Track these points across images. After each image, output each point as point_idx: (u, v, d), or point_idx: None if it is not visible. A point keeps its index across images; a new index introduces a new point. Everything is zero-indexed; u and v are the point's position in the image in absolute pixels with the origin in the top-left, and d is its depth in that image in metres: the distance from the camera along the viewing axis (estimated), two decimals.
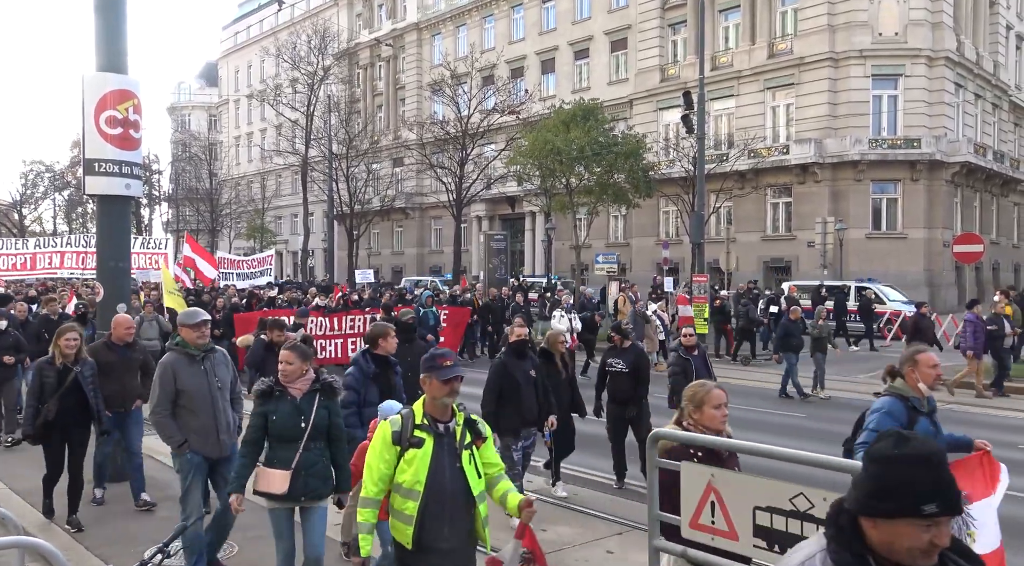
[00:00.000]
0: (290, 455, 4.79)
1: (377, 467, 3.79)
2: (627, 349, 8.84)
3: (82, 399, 6.90)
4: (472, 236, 46.75)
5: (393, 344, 6.64)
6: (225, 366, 6.01)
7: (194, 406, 5.70)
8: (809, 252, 30.64)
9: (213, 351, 5.94)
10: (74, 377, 6.87)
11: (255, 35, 67.21)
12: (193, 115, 75.03)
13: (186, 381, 5.69)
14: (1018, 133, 42.90)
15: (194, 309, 6.30)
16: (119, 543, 6.46)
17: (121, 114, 8.31)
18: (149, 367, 7.65)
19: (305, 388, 4.88)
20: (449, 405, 3.85)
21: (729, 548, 3.79)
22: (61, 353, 6.90)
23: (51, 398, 6.77)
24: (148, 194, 56.66)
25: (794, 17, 34.21)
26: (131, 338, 7.79)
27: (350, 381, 6.35)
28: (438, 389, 3.81)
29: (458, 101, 35.68)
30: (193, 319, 5.85)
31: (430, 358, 3.91)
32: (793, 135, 33.68)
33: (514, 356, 7.66)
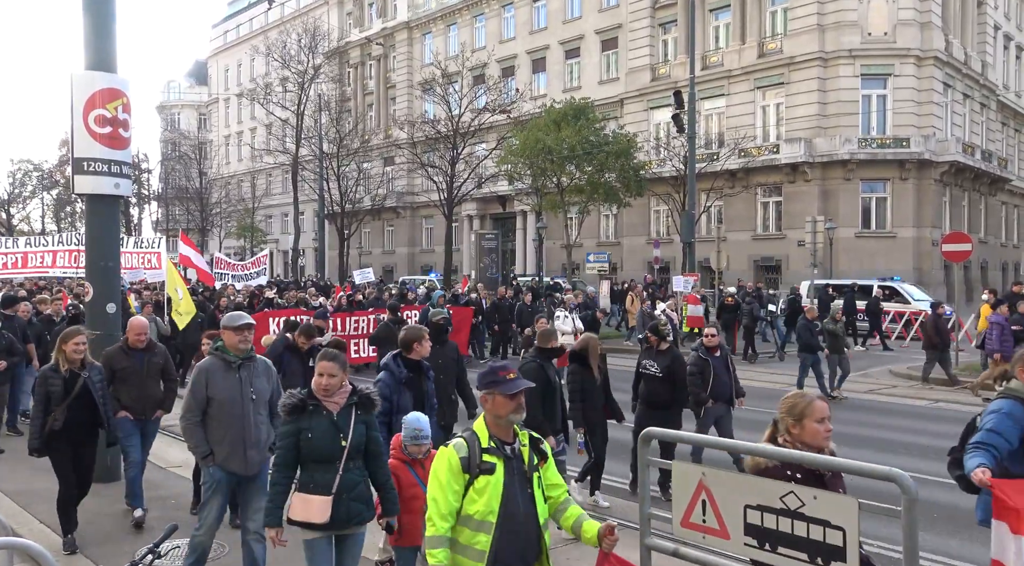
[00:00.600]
0: (329, 478, 4.28)
1: (445, 499, 3.34)
2: (664, 352, 8.31)
3: (90, 407, 6.45)
4: (463, 235, 46.73)
5: (427, 348, 6.38)
6: (266, 377, 5.55)
7: (223, 416, 5.30)
8: (799, 251, 30.76)
9: (252, 359, 5.48)
10: (82, 384, 6.40)
11: (245, 34, 66.97)
12: (183, 114, 74.71)
13: (218, 389, 5.30)
14: (1006, 132, 43.19)
15: (238, 312, 5.87)
16: (109, 543, 6.43)
17: (110, 113, 8.26)
18: (170, 372, 7.48)
19: (342, 402, 4.38)
20: (515, 424, 3.47)
21: (720, 547, 3.80)
22: (67, 359, 6.41)
23: (57, 407, 6.29)
24: (137, 193, 56.43)
25: (784, 17, 34.33)
26: (145, 342, 7.33)
27: (381, 388, 5.95)
28: (503, 406, 3.41)
29: (449, 100, 35.62)
30: (236, 322, 5.42)
31: (490, 372, 3.49)
32: (783, 134, 33.81)
33: (547, 359, 7.44)
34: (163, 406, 7.39)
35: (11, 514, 7.07)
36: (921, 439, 10.80)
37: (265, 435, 5.46)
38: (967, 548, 6.68)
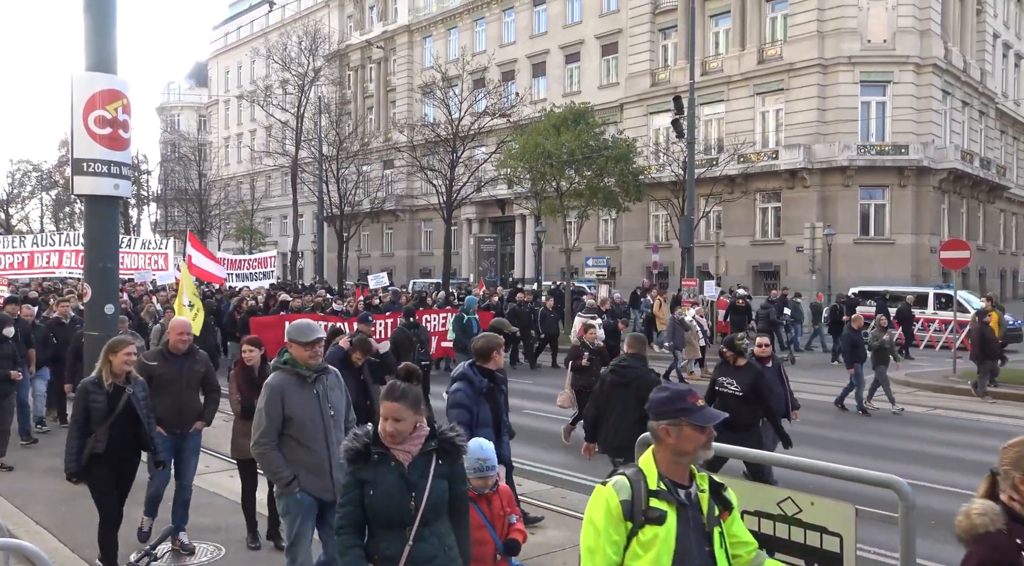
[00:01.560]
0: (396, 548, 3.30)
1: (603, 552, 2.70)
2: (742, 368, 7.71)
3: (134, 425, 5.76)
4: (462, 239, 46.74)
5: (502, 358, 6.03)
6: (339, 390, 5.08)
7: (304, 437, 4.78)
8: (798, 257, 30.80)
9: (326, 372, 5.00)
10: (126, 400, 5.70)
11: (245, 36, 67.02)
12: (182, 115, 74.72)
13: (296, 407, 4.76)
14: (1004, 140, 43.29)
15: (306, 322, 5.21)
16: None
17: (110, 114, 8.26)
18: (212, 381, 6.84)
19: (415, 450, 3.36)
20: (697, 463, 2.82)
21: None
22: (113, 372, 5.68)
23: (99, 426, 5.60)
24: (137, 194, 56.41)
25: (784, 23, 34.40)
26: (187, 345, 6.63)
27: (461, 398, 5.61)
28: (690, 440, 2.72)
29: (449, 104, 35.65)
30: (306, 337, 4.86)
31: (674, 397, 2.78)
32: (782, 140, 33.86)
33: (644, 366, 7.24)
34: (204, 417, 6.75)
35: (7, 515, 7.06)
36: (920, 446, 10.81)
37: None
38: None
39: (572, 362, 10.57)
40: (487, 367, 5.88)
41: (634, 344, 7.44)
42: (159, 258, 21.54)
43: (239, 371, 6.65)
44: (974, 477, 8.92)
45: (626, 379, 7.05)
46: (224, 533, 6.68)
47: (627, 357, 7.26)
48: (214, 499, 7.83)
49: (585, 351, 10.45)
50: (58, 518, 7.11)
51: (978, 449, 10.64)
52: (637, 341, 7.51)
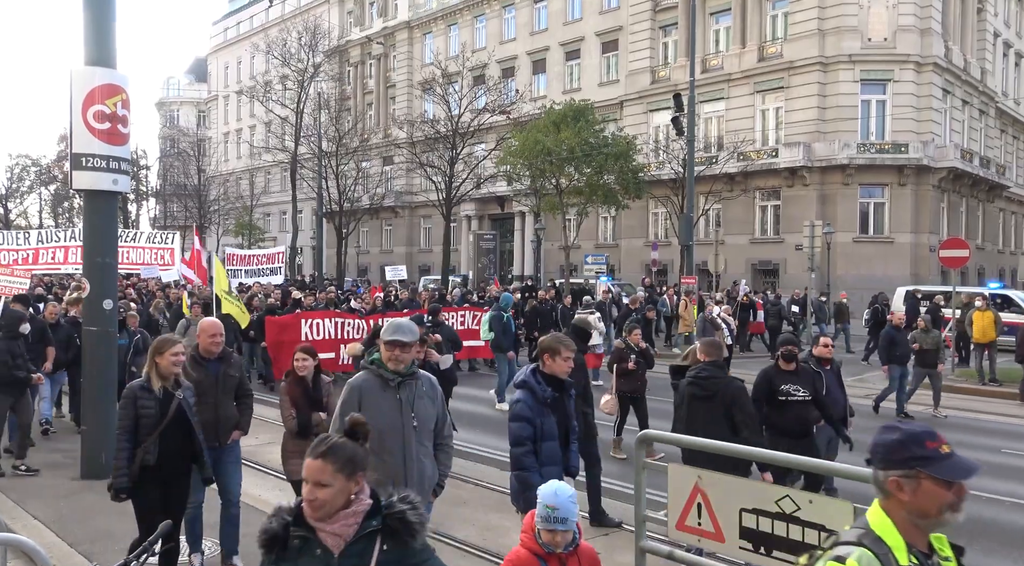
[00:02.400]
0: None
1: None
2: (801, 371, 7.34)
3: (185, 434, 5.26)
4: (461, 235, 46.72)
5: (570, 362, 5.24)
6: (430, 399, 4.51)
7: (380, 447, 4.12)
8: (797, 255, 30.75)
9: (415, 376, 4.44)
10: (178, 406, 5.22)
11: (245, 31, 66.92)
12: (182, 111, 74.63)
13: (375, 413, 4.15)
14: (1004, 139, 43.28)
15: (400, 321, 4.62)
16: (103, 541, 6.41)
17: (109, 109, 8.24)
18: (245, 386, 6.30)
19: (350, 531, 2.46)
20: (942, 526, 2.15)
21: (715, 550, 3.80)
22: (160, 374, 5.20)
23: (148, 436, 5.11)
24: (136, 190, 56.38)
25: (784, 21, 34.37)
26: (220, 348, 6.07)
27: (521, 410, 4.96)
28: (933, 498, 2.09)
29: (449, 100, 35.63)
30: (387, 334, 4.38)
31: (910, 439, 2.12)
32: (782, 138, 33.85)
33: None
34: (240, 426, 6.19)
35: (5, 510, 7.06)
36: None
37: (430, 472, 4.50)
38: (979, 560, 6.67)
39: (616, 366, 10.04)
40: (552, 373, 5.17)
41: (711, 350, 6.66)
42: (165, 252, 21.12)
43: (292, 384, 6.10)
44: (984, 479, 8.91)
45: (710, 390, 6.37)
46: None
47: (706, 366, 6.53)
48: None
49: (631, 354, 9.98)
50: (56, 513, 7.11)
51: (977, 448, 10.65)
52: (713, 347, 6.75)
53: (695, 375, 6.50)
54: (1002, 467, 9.69)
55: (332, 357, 14.06)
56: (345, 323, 14.95)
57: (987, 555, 6.71)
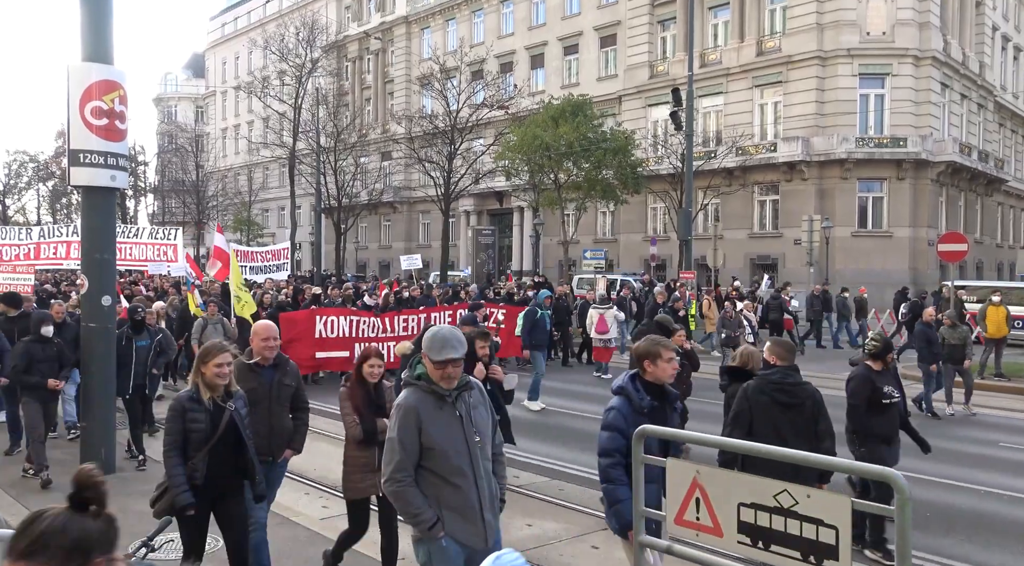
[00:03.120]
0: None
1: None
2: (891, 372, 6.92)
3: (236, 449, 4.81)
4: (460, 231, 46.71)
5: (673, 366, 4.68)
6: (484, 407, 4.06)
7: (447, 470, 3.82)
8: (795, 250, 30.82)
9: (468, 387, 3.97)
10: (229, 419, 4.76)
11: (243, 26, 66.78)
12: (180, 106, 74.50)
13: (436, 433, 3.82)
14: (1003, 133, 43.27)
15: (446, 331, 3.93)
16: None
17: (107, 105, 8.23)
18: (302, 397, 5.80)
19: None
20: None
21: (713, 545, 3.81)
22: (208, 384, 4.74)
23: (198, 452, 4.69)
24: (134, 185, 56.31)
25: (783, 15, 34.32)
26: (275, 354, 5.58)
27: (615, 419, 4.49)
28: None
29: (447, 95, 35.58)
30: (439, 353, 3.80)
31: None
32: (781, 133, 33.82)
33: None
34: (293, 444, 5.72)
35: (5, 506, 7.07)
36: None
37: (496, 489, 4.08)
38: (960, 547, 6.70)
39: None
40: (656, 379, 4.61)
41: (785, 353, 5.83)
42: (168, 249, 20.98)
43: (355, 387, 5.52)
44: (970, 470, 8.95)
45: (797, 398, 5.62)
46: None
47: (782, 370, 5.72)
48: None
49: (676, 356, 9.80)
50: None
51: (976, 443, 10.67)
52: (787, 349, 5.91)
53: (778, 381, 5.65)
54: (1001, 461, 9.72)
55: (346, 356, 13.83)
56: (360, 321, 14.56)
57: (985, 549, 6.74)
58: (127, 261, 20.85)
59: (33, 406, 8.23)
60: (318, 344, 13.99)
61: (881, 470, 3.34)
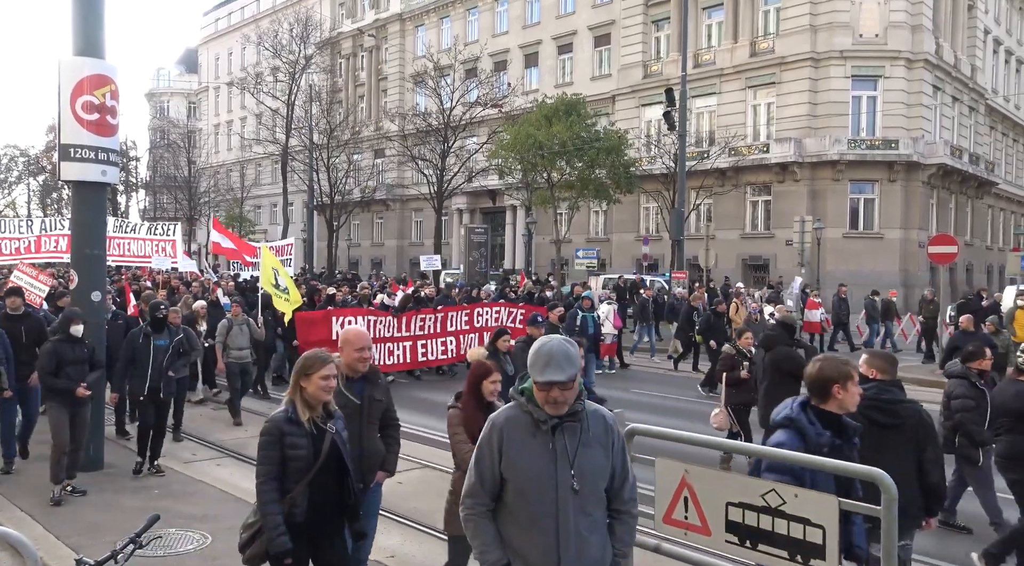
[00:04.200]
0: None
1: None
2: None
3: (338, 481, 4.10)
4: (453, 229, 46.68)
5: (855, 393, 3.87)
6: (602, 447, 3.17)
7: (523, 513, 3.13)
8: (787, 251, 30.89)
9: (576, 417, 3.12)
10: (332, 443, 4.05)
11: (236, 22, 66.53)
12: (172, 102, 74.19)
13: (518, 465, 3.12)
14: (994, 136, 43.48)
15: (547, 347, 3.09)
16: (90, 533, 6.40)
17: (98, 100, 8.19)
18: (392, 415, 5.11)
19: None
20: None
21: (701, 544, 3.82)
22: (310, 402, 4.04)
23: (297, 483, 3.95)
24: (125, 181, 56.12)
25: (776, 16, 34.40)
26: (367, 366, 4.88)
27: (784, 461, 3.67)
28: None
29: (440, 93, 35.57)
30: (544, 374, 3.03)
31: None
32: (773, 134, 33.91)
33: None
34: (387, 466, 5.05)
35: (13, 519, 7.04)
36: None
37: (599, 549, 3.16)
38: (945, 547, 6.73)
39: (727, 375, 8.85)
40: (837, 408, 3.82)
41: (886, 366, 5.06)
42: (167, 244, 20.71)
43: (471, 409, 4.66)
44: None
45: (897, 417, 4.87)
46: (212, 522, 6.68)
47: (879, 385, 4.96)
48: (200, 488, 7.82)
49: (743, 361, 8.91)
50: (44, 507, 7.09)
51: None
52: (887, 361, 5.15)
53: (873, 396, 4.81)
54: None
55: None
56: (377, 321, 14.04)
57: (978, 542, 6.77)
58: (126, 257, 20.66)
59: (60, 412, 7.42)
60: (334, 346, 13.55)
61: (870, 471, 3.36)
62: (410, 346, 14.32)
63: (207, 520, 6.70)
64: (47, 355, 7.49)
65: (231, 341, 11.34)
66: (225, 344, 11.40)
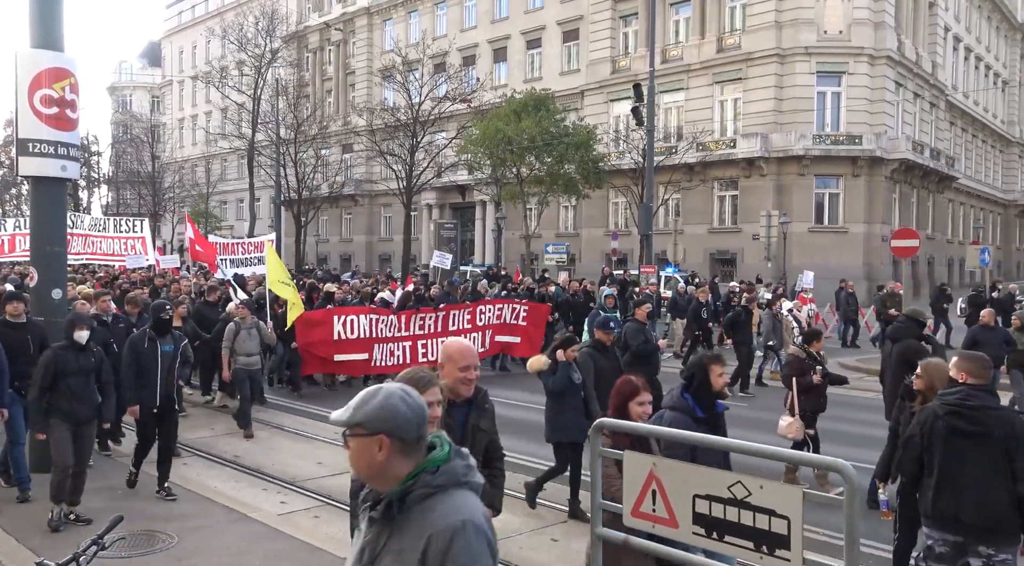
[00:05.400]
0: None
1: None
2: None
3: None
4: (422, 224, 46.52)
5: None
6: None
7: None
8: (754, 245, 31.27)
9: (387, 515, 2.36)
10: None
11: (200, 15, 65.57)
12: (135, 95, 72.94)
13: None
14: (954, 132, 44.34)
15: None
16: (52, 535, 6.29)
17: (57, 93, 8.03)
18: (497, 447, 4.45)
19: None
20: None
21: (669, 536, 3.85)
22: None
23: None
24: (87, 176, 55.05)
25: (743, 13, 34.72)
26: (472, 387, 4.10)
27: None
28: None
29: (409, 88, 35.34)
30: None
31: None
32: (740, 129, 34.25)
33: None
34: (493, 503, 4.24)
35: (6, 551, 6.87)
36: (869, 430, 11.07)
37: None
38: None
39: (798, 380, 8.23)
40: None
41: (977, 369, 4.65)
42: (136, 242, 20.11)
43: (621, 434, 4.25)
44: None
45: (984, 426, 4.46)
46: (178, 521, 6.60)
47: (966, 389, 4.59)
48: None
49: (816, 365, 8.42)
50: (5, 509, 6.94)
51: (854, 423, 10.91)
52: (979, 364, 4.72)
53: (955, 402, 4.51)
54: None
55: (365, 359, 13.01)
56: (379, 320, 13.39)
57: None
58: (96, 255, 20.00)
59: (61, 429, 6.55)
60: (337, 346, 12.81)
61: (833, 462, 3.40)
62: (410, 346, 13.65)
63: (173, 520, 6.62)
64: (43, 366, 6.59)
65: (239, 346, 10.45)
66: (232, 349, 10.49)
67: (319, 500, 7.56)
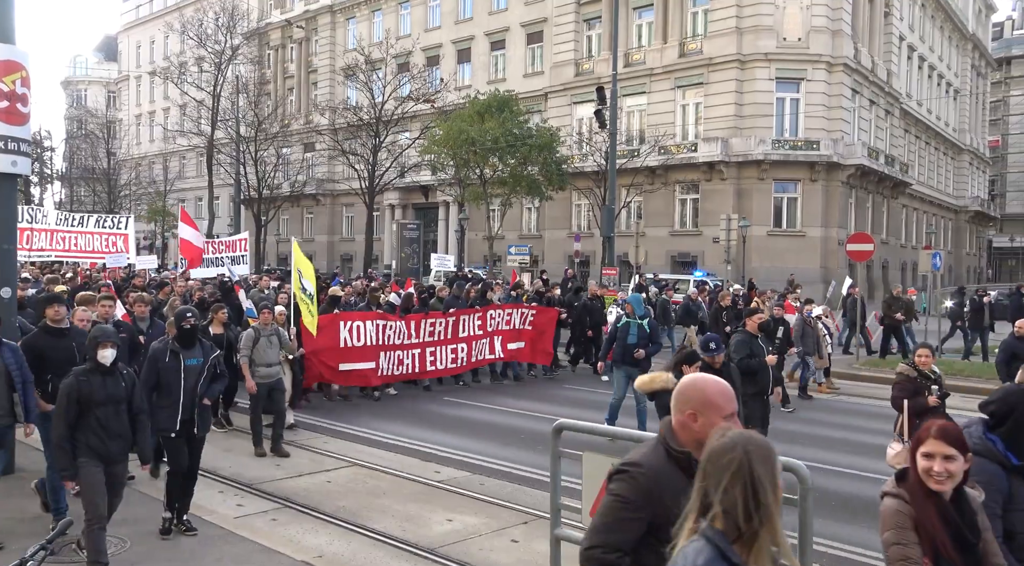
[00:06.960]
0: None
1: None
2: None
3: None
4: (385, 225, 46.25)
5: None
6: None
7: None
8: (714, 248, 31.65)
9: None
10: None
11: (159, 9, 64.40)
12: (90, 90, 71.39)
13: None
14: (907, 138, 45.39)
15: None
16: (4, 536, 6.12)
17: (7, 86, 7.83)
18: None
19: None
20: None
21: None
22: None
23: None
24: (39, 172, 53.74)
25: (704, 18, 35.15)
26: None
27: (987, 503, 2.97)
28: None
29: (372, 87, 35.15)
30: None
31: None
32: (701, 133, 34.65)
33: None
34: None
35: None
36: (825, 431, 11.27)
37: None
38: (860, 534, 6.99)
39: (910, 402, 6.45)
40: None
41: None
42: (118, 239, 18.98)
43: (919, 491, 3.25)
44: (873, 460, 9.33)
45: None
46: (130, 525, 6.46)
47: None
48: None
49: (931, 384, 7.18)
50: None
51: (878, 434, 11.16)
52: None
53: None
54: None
55: (371, 367, 12.34)
56: (386, 326, 12.63)
57: None
58: (72, 252, 19.20)
59: (92, 470, 5.42)
60: (342, 354, 12.06)
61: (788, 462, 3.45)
62: (419, 354, 12.99)
63: (124, 524, 6.48)
64: (65, 396, 5.41)
65: (257, 356, 9.37)
66: (251, 358, 9.45)
67: (277, 503, 7.47)
